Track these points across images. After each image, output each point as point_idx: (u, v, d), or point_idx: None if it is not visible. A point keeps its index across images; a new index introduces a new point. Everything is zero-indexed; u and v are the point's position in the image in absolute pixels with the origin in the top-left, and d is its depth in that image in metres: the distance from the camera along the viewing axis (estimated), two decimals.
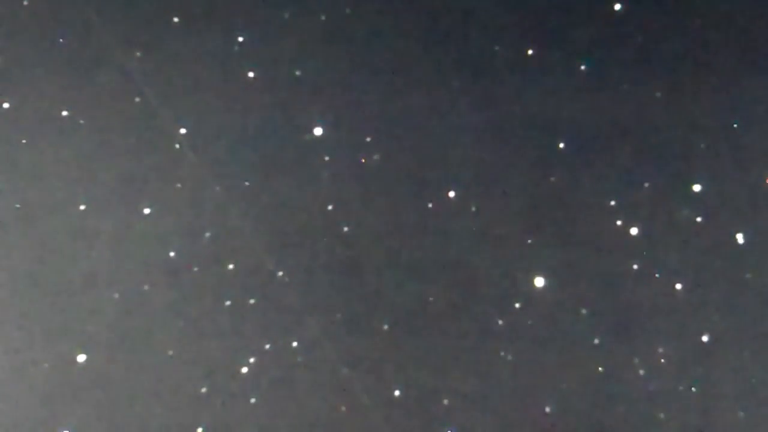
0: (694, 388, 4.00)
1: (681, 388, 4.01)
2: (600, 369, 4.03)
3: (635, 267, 4.08)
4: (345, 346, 4.05)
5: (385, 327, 4.07)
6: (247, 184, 4.13)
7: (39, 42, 4.16)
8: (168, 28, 4.17)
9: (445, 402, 4.02)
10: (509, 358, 4.05)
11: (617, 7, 4.17)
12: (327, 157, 4.15)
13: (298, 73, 4.18)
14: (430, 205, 4.15)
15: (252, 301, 4.07)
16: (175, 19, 4.18)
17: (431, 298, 4.10)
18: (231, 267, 4.09)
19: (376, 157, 4.16)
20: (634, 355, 4.03)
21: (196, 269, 4.06)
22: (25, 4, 4.17)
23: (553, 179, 4.14)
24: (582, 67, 4.16)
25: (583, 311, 4.07)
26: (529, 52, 4.18)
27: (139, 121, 4.13)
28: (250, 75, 4.17)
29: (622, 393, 4.01)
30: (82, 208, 4.06)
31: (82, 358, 3.95)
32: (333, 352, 4.04)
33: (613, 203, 4.12)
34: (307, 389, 4.02)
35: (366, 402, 4.01)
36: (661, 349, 4.03)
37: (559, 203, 4.13)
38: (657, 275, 4.07)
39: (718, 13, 4.17)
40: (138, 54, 4.16)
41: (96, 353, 3.97)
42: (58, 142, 4.11)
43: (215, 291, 4.07)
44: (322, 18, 4.21)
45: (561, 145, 4.15)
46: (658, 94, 4.15)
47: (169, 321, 4.02)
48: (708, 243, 4.08)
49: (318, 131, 4.15)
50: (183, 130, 4.13)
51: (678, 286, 4.06)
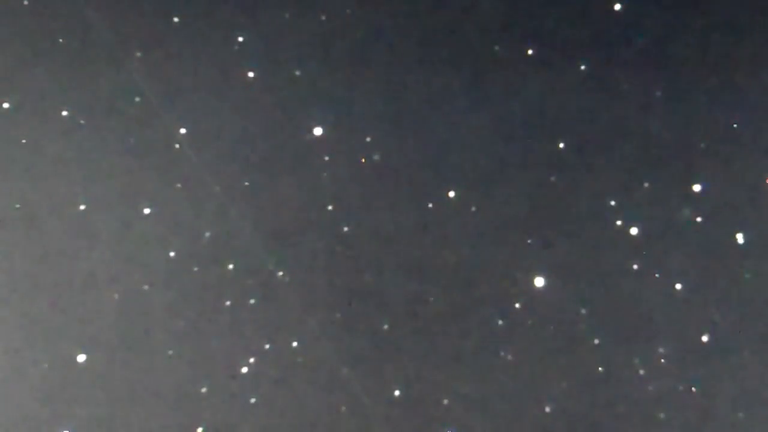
0: (694, 388, 4.00)
1: (681, 388, 4.01)
2: (600, 369, 4.03)
3: (635, 267, 4.08)
4: (345, 346, 4.05)
5: (385, 327, 4.07)
6: (247, 184, 4.12)
7: (39, 42, 4.15)
8: (168, 28, 4.17)
9: (445, 402, 4.02)
10: (509, 358, 4.05)
11: (617, 6, 4.17)
12: (327, 157, 4.14)
13: (297, 73, 4.18)
14: (430, 205, 4.14)
15: (252, 301, 4.07)
16: (175, 19, 4.18)
17: (431, 298, 4.09)
18: (231, 267, 4.09)
19: (376, 157, 4.15)
20: (634, 355, 4.03)
21: (196, 269, 4.06)
22: (25, 3, 4.17)
23: (553, 179, 4.13)
24: (582, 67, 4.16)
25: (583, 311, 4.07)
26: (529, 52, 4.18)
27: (139, 121, 4.13)
28: (250, 75, 4.17)
29: (622, 393, 4.01)
30: (82, 208, 4.06)
31: (82, 358, 3.95)
32: (333, 352, 4.04)
33: (613, 203, 4.12)
34: (306, 389, 4.02)
35: (366, 402, 4.01)
36: (661, 349, 4.03)
37: (559, 203, 4.13)
38: (657, 275, 4.07)
39: (718, 12, 4.16)
40: (138, 54, 4.16)
41: (96, 353, 3.97)
42: (58, 142, 4.11)
43: (215, 291, 4.07)
44: (322, 18, 4.21)
45: (561, 145, 4.14)
46: (658, 94, 4.15)
47: (169, 321, 4.02)
48: (708, 243, 4.08)
49: (318, 131, 4.15)
50: (183, 130, 4.13)
51: (678, 286, 4.06)
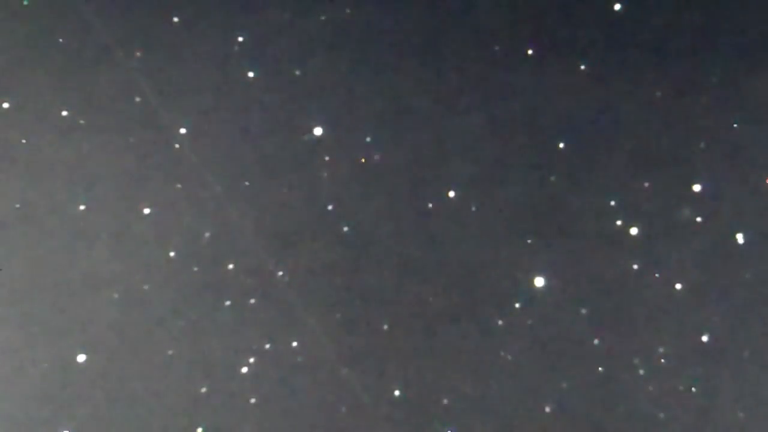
0: (693, 388, 4.00)
1: (681, 388, 4.01)
2: (600, 369, 4.03)
3: (635, 267, 4.08)
4: (345, 346, 4.05)
5: (385, 327, 4.07)
6: (247, 184, 4.13)
7: (39, 42, 4.15)
8: (168, 28, 4.17)
9: (445, 402, 4.02)
10: (509, 358, 4.05)
11: (617, 7, 4.17)
12: (327, 157, 4.14)
13: (297, 73, 4.18)
14: (430, 205, 4.15)
15: (252, 301, 4.07)
16: (175, 19, 4.18)
17: (431, 298, 4.09)
18: (231, 267, 4.09)
19: (376, 157, 4.15)
20: (634, 355, 4.03)
21: (195, 269, 4.06)
22: (25, 3, 4.17)
23: (552, 179, 4.13)
24: (582, 67, 4.16)
25: (582, 311, 4.07)
26: (529, 52, 4.18)
27: (139, 122, 4.13)
28: (250, 75, 4.17)
29: (622, 393, 4.01)
30: (82, 208, 4.06)
31: (82, 358, 3.95)
32: (333, 352, 4.04)
33: (612, 203, 4.12)
34: (306, 389, 4.02)
35: (366, 402, 4.01)
36: (660, 349, 4.03)
37: (559, 203, 4.13)
38: (657, 275, 4.07)
39: (717, 12, 4.16)
40: (138, 54, 4.16)
41: (96, 353, 3.97)
42: (58, 142, 4.11)
43: (215, 291, 4.07)
44: (322, 18, 4.21)
45: (561, 145, 4.14)
46: (658, 94, 4.14)
47: (169, 321, 4.02)
48: (708, 243, 4.08)
49: (318, 131, 4.15)
50: (183, 130, 4.13)
51: (678, 286, 4.06)
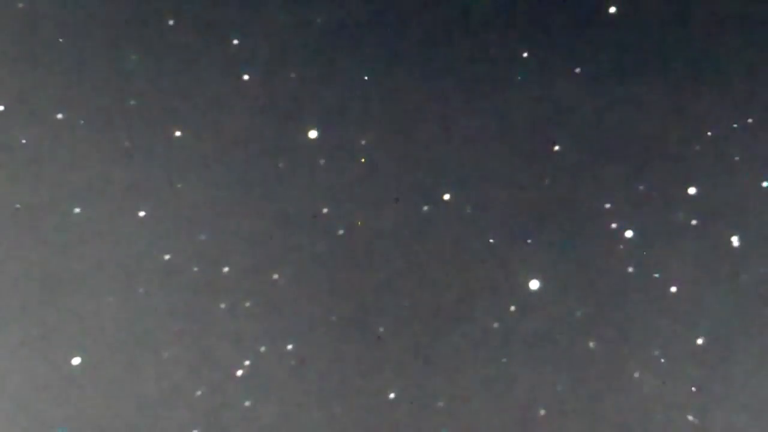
0: (689, 391, 4.00)
1: (676, 390, 4.01)
2: (595, 372, 4.02)
3: (630, 270, 4.08)
4: (340, 348, 4.05)
5: (381, 330, 4.07)
6: (242, 186, 4.12)
7: (36, 43, 4.15)
8: (163, 31, 4.17)
9: (440, 404, 4.02)
10: (504, 360, 4.05)
11: (612, 9, 4.17)
12: (322, 160, 4.15)
13: (293, 75, 4.18)
14: (425, 207, 4.14)
15: (247, 303, 4.07)
16: (171, 21, 4.18)
17: (426, 301, 4.09)
18: (226, 270, 4.09)
19: (372, 159, 4.15)
20: (629, 357, 4.03)
21: (190, 272, 4.06)
22: (20, 6, 4.17)
23: (547, 182, 4.13)
24: (577, 70, 4.16)
25: (578, 314, 4.07)
26: (524, 55, 4.17)
27: (134, 124, 4.13)
28: (245, 78, 4.17)
29: (617, 396, 4.01)
30: (77, 210, 4.06)
31: (76, 361, 3.96)
32: (328, 355, 4.04)
33: (608, 206, 4.12)
34: (302, 392, 4.02)
35: (361, 404, 4.01)
36: (656, 352, 4.03)
37: (554, 206, 4.13)
38: (652, 278, 4.07)
39: (713, 15, 4.16)
40: (133, 56, 4.16)
41: (91, 356, 3.97)
42: (53, 145, 4.11)
43: (210, 293, 4.07)
44: (318, 21, 4.21)
45: (556, 148, 4.15)
46: (654, 97, 4.14)
47: (164, 324, 4.02)
48: (703, 246, 4.08)
49: (313, 134, 4.15)
50: (178, 133, 4.13)
51: (673, 289, 4.06)
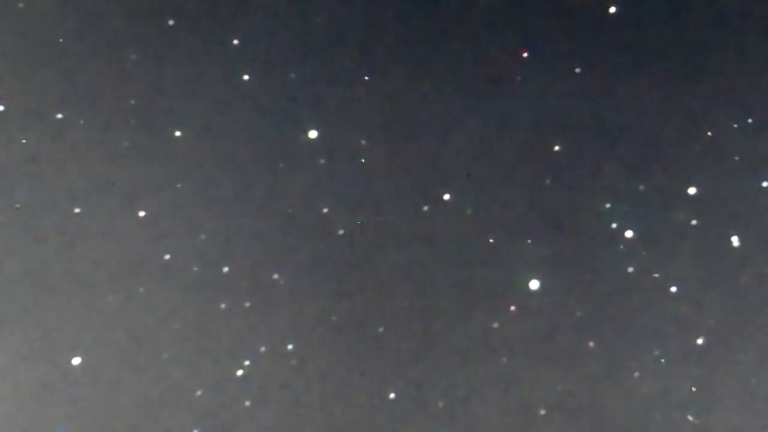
0: (689, 391, 4.00)
1: (676, 390, 4.01)
2: (595, 371, 4.02)
3: (630, 270, 4.08)
4: (340, 348, 4.05)
5: (381, 330, 4.07)
6: (242, 186, 4.12)
7: (35, 44, 4.15)
8: (163, 31, 4.17)
9: (440, 404, 4.02)
10: (504, 360, 4.05)
11: (612, 9, 4.17)
12: (322, 160, 4.15)
13: (293, 75, 4.18)
14: (426, 207, 4.14)
15: (247, 303, 4.07)
16: (171, 21, 4.18)
17: (427, 301, 4.09)
18: (226, 270, 4.09)
19: (372, 159, 4.15)
20: (629, 357, 4.03)
21: (191, 272, 4.06)
22: (20, 6, 4.17)
23: (548, 182, 4.13)
24: (577, 70, 4.16)
25: (578, 314, 4.07)
26: (524, 55, 4.18)
27: (135, 124, 4.13)
28: (245, 78, 4.17)
29: (617, 395, 4.00)
30: (77, 210, 4.06)
31: (77, 361, 3.96)
32: (328, 355, 4.04)
33: (608, 206, 4.12)
34: (302, 392, 4.02)
35: (361, 404, 4.01)
36: (656, 352, 4.03)
37: (554, 206, 4.13)
38: (652, 278, 4.07)
39: (712, 14, 4.16)
40: (133, 56, 4.16)
41: (91, 356, 3.97)
42: (54, 144, 4.11)
43: (210, 293, 4.07)
44: (318, 20, 4.21)
45: (556, 148, 4.15)
46: (654, 97, 4.14)
47: (164, 324, 4.02)
48: (703, 246, 4.08)
49: (313, 134, 4.15)
50: (178, 133, 4.13)
51: (673, 289, 4.06)
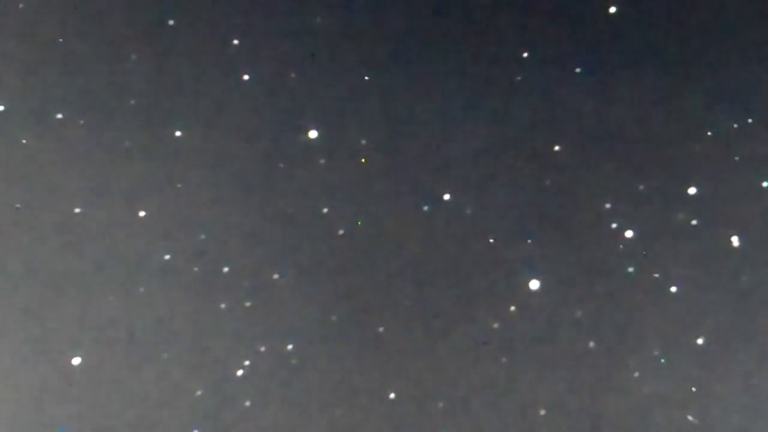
0: (689, 391, 4.00)
1: (676, 391, 4.01)
2: (595, 372, 4.02)
3: (630, 270, 4.07)
4: (340, 348, 4.05)
5: (380, 330, 4.07)
6: (242, 186, 4.13)
7: (35, 44, 4.15)
8: (163, 31, 4.17)
9: (440, 405, 4.02)
10: (504, 360, 4.04)
11: (612, 9, 4.16)
12: (322, 161, 4.15)
13: (293, 75, 4.18)
14: (426, 207, 4.14)
15: (247, 303, 4.07)
16: (171, 21, 4.18)
17: (427, 301, 4.09)
18: (226, 269, 4.09)
19: (372, 159, 4.15)
20: (629, 357, 4.03)
21: (190, 272, 4.06)
22: (20, 6, 4.17)
23: (548, 182, 4.13)
24: (577, 70, 4.16)
25: (578, 314, 4.07)
26: (524, 55, 4.17)
27: (135, 124, 4.13)
28: (245, 78, 4.17)
29: (617, 396, 4.00)
30: (77, 210, 4.06)
31: (77, 361, 3.96)
32: (328, 355, 4.04)
33: (608, 206, 4.11)
34: (301, 392, 4.02)
35: (361, 405, 4.01)
36: (656, 352, 4.03)
37: (554, 206, 4.13)
38: (652, 278, 4.07)
39: (713, 14, 4.16)
40: (133, 57, 4.16)
41: (91, 356, 3.97)
42: (54, 144, 4.11)
43: (210, 293, 4.07)
44: (318, 20, 4.21)
45: (556, 148, 4.14)
46: (654, 97, 4.14)
47: (164, 324, 4.02)
48: (703, 246, 4.07)
49: (313, 134, 4.15)
50: (178, 133, 4.13)
51: (673, 289, 4.06)
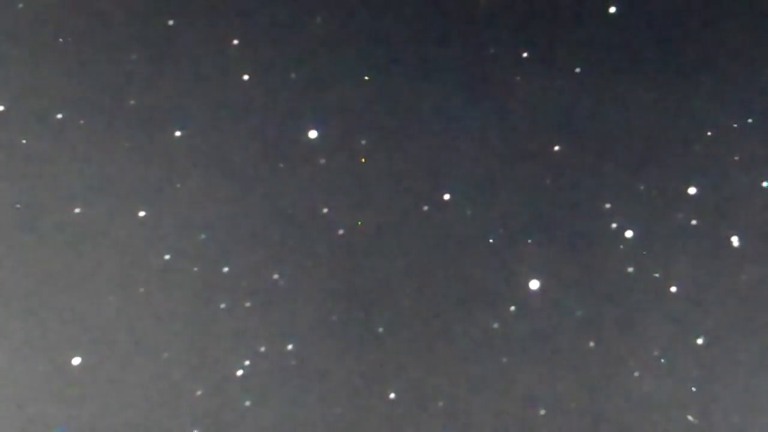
0: (689, 391, 4.00)
1: (676, 390, 4.01)
2: (595, 371, 4.02)
3: (630, 270, 4.08)
4: (340, 348, 4.05)
5: (380, 330, 4.07)
6: (242, 187, 4.13)
7: (35, 44, 4.15)
8: (163, 31, 4.17)
9: (440, 404, 4.02)
10: (504, 360, 4.05)
11: (612, 9, 4.17)
12: (322, 160, 4.15)
13: (293, 75, 4.18)
14: (426, 207, 4.14)
15: (247, 303, 4.07)
16: (171, 21, 4.18)
17: (427, 301, 4.09)
18: (226, 270, 4.09)
19: (372, 159, 4.15)
20: (629, 357, 4.03)
21: (191, 272, 4.06)
22: (20, 6, 4.17)
23: (548, 182, 4.13)
24: (577, 70, 4.16)
25: (578, 314, 4.07)
26: (524, 55, 4.17)
27: (135, 124, 4.13)
28: (245, 78, 4.17)
29: (617, 395, 4.01)
30: (77, 210, 4.06)
31: (77, 361, 3.96)
32: (328, 355, 4.04)
33: (608, 206, 4.12)
34: (301, 392, 4.02)
35: (361, 405, 4.01)
36: (656, 352, 4.03)
37: (554, 206, 4.13)
38: (652, 278, 4.07)
39: (713, 14, 4.16)
40: (133, 57, 4.16)
41: (91, 356, 3.97)
42: (54, 144, 4.11)
43: (210, 293, 4.07)
44: (318, 20, 4.21)
45: (556, 148, 4.14)
46: (654, 97, 4.15)
47: (164, 324, 4.02)
48: (703, 246, 4.08)
49: (313, 134, 4.15)
50: (178, 133, 4.13)
51: (673, 289, 4.06)
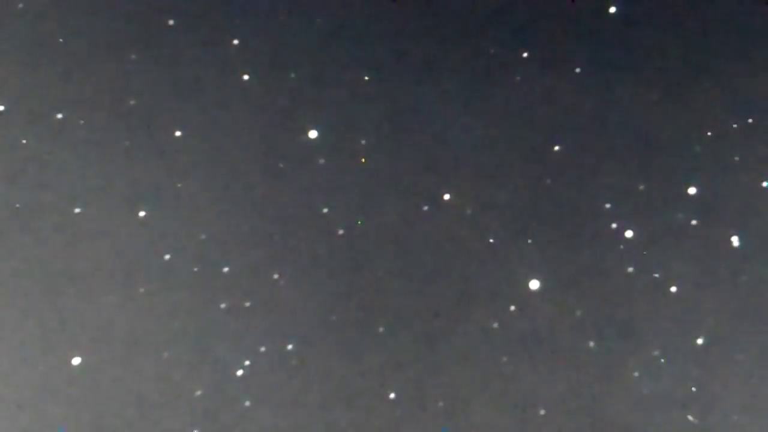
0: (689, 391, 4.00)
1: (676, 391, 4.01)
2: (595, 372, 4.02)
3: (630, 270, 4.07)
4: (340, 348, 4.05)
5: (381, 329, 4.07)
6: (242, 186, 4.13)
7: (35, 44, 4.16)
8: (163, 31, 4.17)
9: (440, 404, 4.02)
10: (504, 360, 4.04)
11: (612, 9, 4.16)
12: (322, 160, 4.15)
13: (293, 75, 4.18)
14: (426, 207, 4.14)
15: (247, 303, 4.07)
16: (170, 21, 4.18)
17: (427, 301, 4.09)
18: (226, 269, 4.09)
19: (371, 159, 4.15)
20: (629, 357, 4.03)
21: (191, 272, 4.06)
22: (20, 6, 4.17)
23: (548, 182, 4.13)
24: (577, 70, 4.16)
25: (578, 314, 4.07)
26: (524, 55, 4.17)
27: (135, 124, 4.13)
28: (245, 78, 4.17)
29: (617, 396, 4.00)
30: (77, 210, 4.07)
31: (77, 361, 3.96)
32: (328, 355, 4.04)
33: (608, 206, 4.12)
34: (301, 392, 4.02)
35: (361, 405, 4.01)
36: (656, 352, 4.03)
37: (554, 206, 4.13)
38: (652, 278, 4.07)
39: (712, 15, 4.16)
40: (133, 56, 4.16)
41: (91, 356, 3.97)
42: (54, 144, 4.11)
43: (210, 293, 4.07)
44: (318, 20, 4.21)
45: (556, 148, 4.14)
46: (654, 97, 4.15)
47: (164, 324, 4.02)
48: (703, 246, 4.08)
49: (313, 134, 4.15)
50: (178, 133, 4.13)
51: (673, 289, 4.06)
